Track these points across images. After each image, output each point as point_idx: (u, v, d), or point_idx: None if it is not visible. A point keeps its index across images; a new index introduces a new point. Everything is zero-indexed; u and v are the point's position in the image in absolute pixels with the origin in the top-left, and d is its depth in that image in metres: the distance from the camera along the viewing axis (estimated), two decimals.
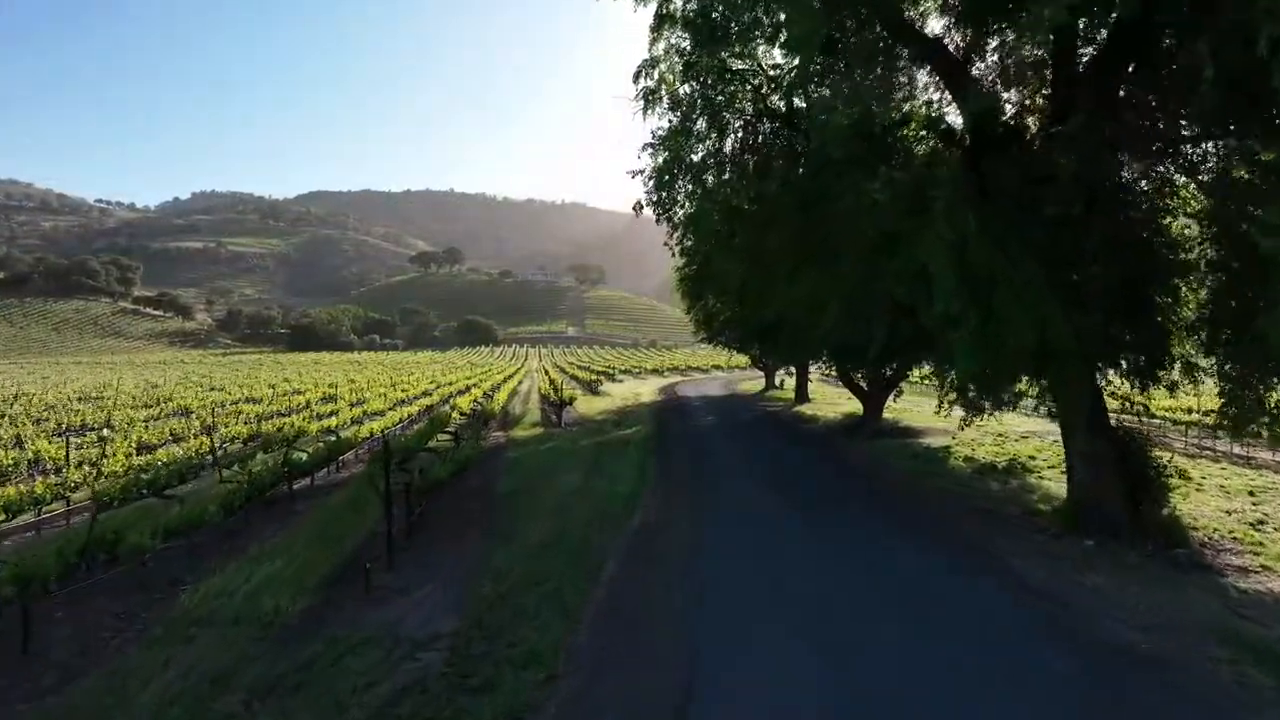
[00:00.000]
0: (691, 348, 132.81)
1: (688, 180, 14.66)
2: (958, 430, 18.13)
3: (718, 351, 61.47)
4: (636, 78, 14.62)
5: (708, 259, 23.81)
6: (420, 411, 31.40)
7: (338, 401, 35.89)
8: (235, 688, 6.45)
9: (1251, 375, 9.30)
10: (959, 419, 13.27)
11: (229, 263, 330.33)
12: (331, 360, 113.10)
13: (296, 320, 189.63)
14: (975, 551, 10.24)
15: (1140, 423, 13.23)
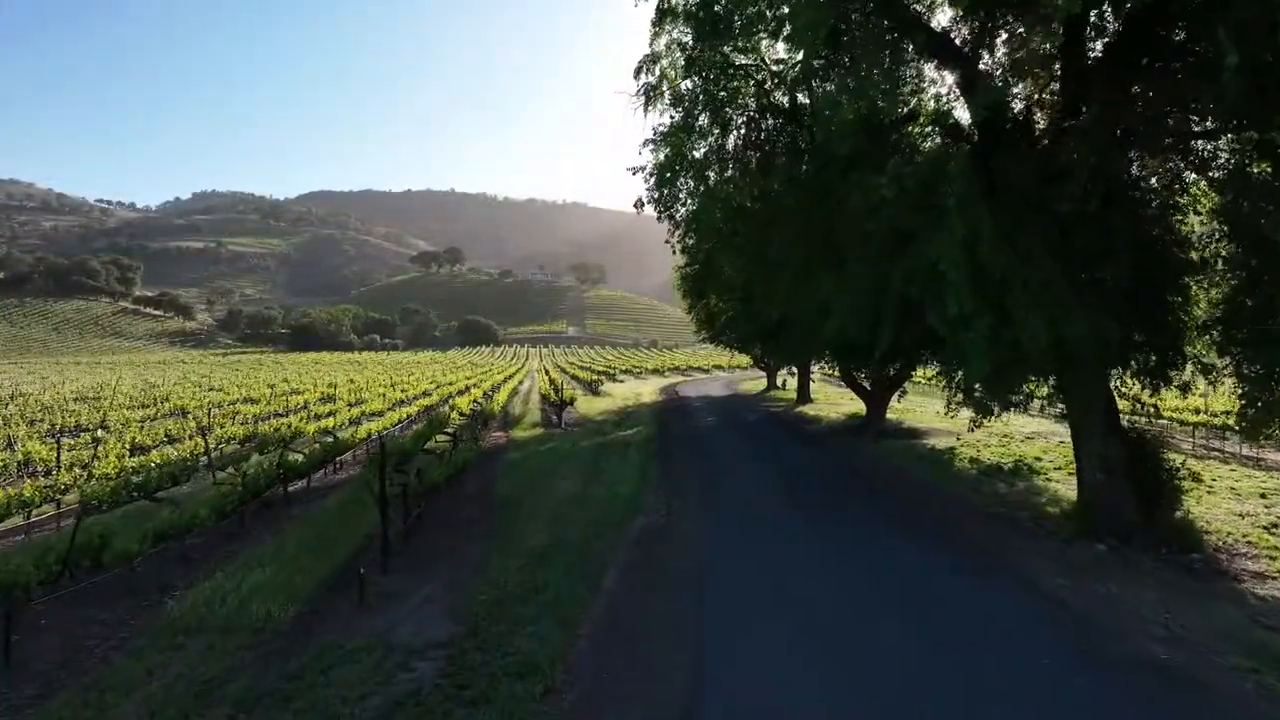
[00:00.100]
0: (693, 348, 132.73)
1: (690, 177, 14.41)
2: (965, 432, 17.89)
3: (719, 351, 61.28)
4: (638, 73, 14.39)
5: (710, 258, 23.62)
6: (420, 412, 31.16)
7: (336, 402, 35.65)
8: (220, 700, 6.21)
9: (1271, 375, 9.04)
10: (968, 421, 13.00)
11: (230, 263, 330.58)
12: (332, 360, 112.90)
13: (297, 320, 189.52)
14: (987, 557, 10.00)
15: (1151, 423, 13.01)
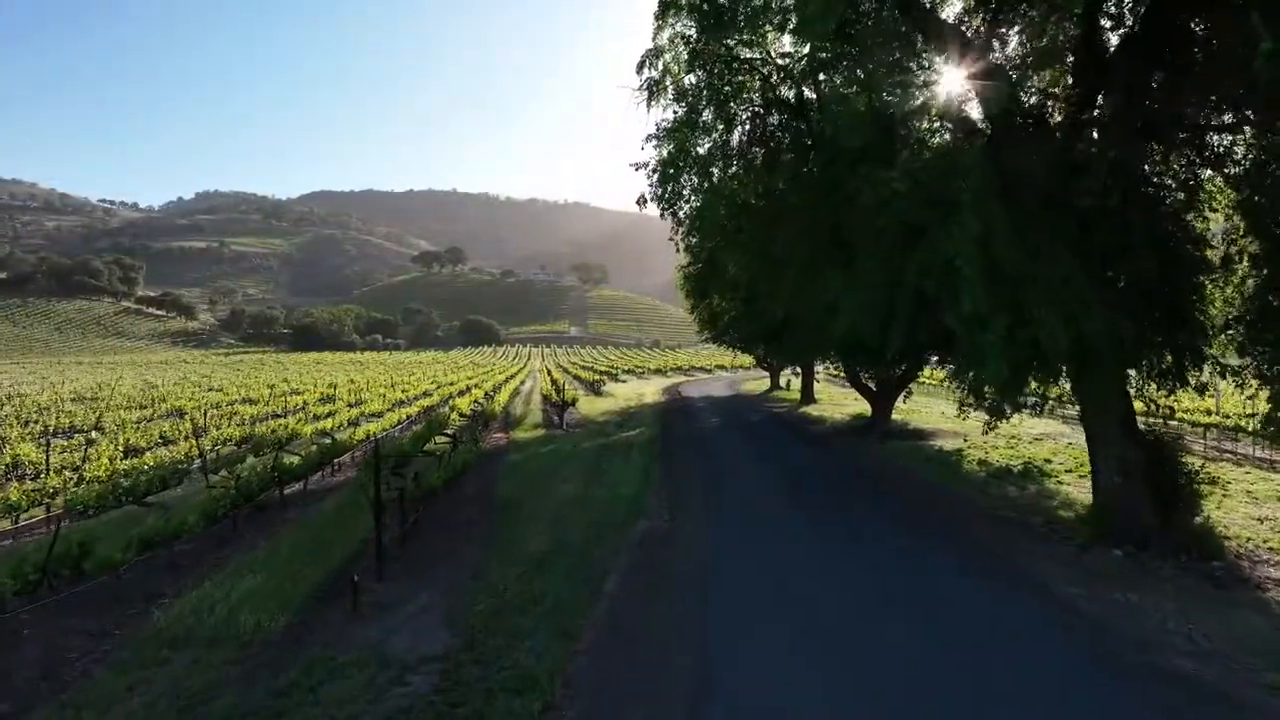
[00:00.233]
0: (695, 348, 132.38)
1: (693, 173, 14.15)
2: (973, 433, 17.59)
3: (722, 351, 60.94)
4: (640, 68, 14.13)
5: (713, 256, 23.36)
6: (420, 412, 30.90)
7: (335, 403, 35.39)
8: (203, 718, 5.92)
9: None
10: (980, 423, 12.69)
11: (232, 262, 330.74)
12: (333, 360, 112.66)
13: (299, 320, 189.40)
14: (998, 561, 9.70)
15: (1166, 425, 12.69)
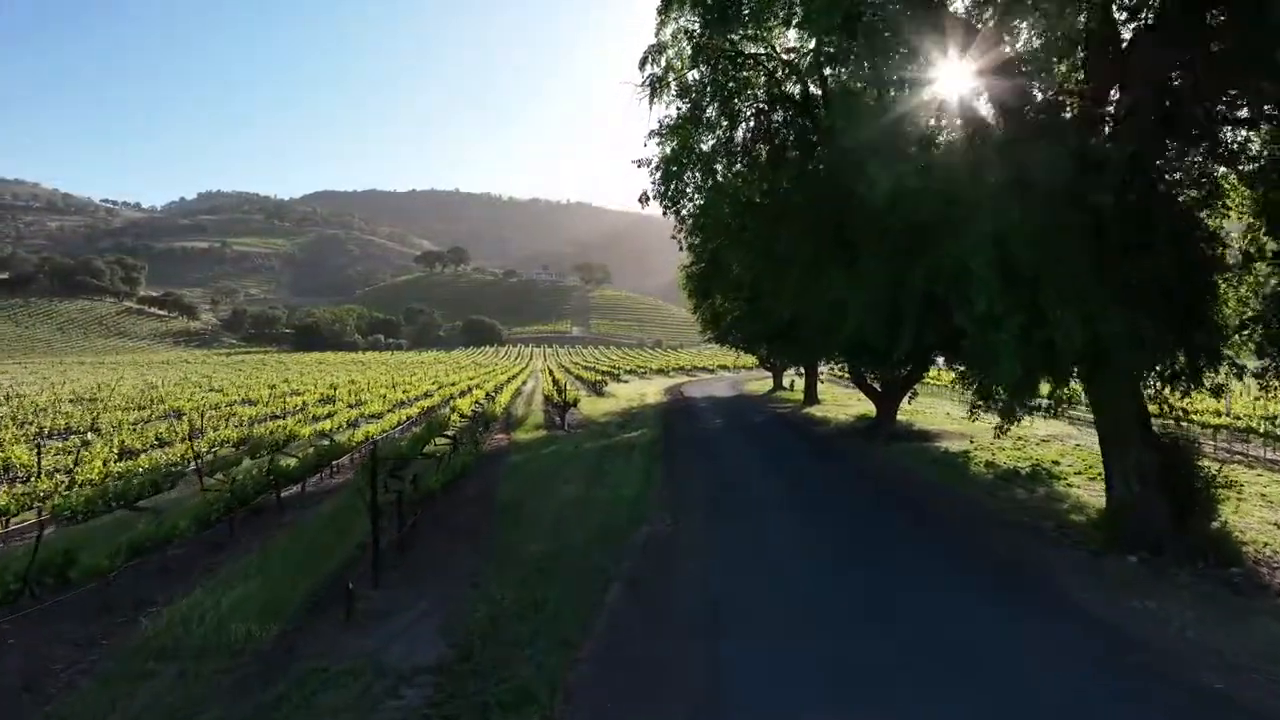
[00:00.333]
0: (697, 348, 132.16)
1: (696, 171, 13.91)
2: (979, 435, 17.34)
3: (724, 351, 60.73)
4: (643, 64, 13.91)
5: (716, 256, 23.18)
6: (420, 413, 30.69)
7: (335, 404, 35.18)
8: None
9: None
10: (988, 424, 12.43)
11: (234, 263, 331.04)
12: (335, 360, 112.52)
13: (301, 320, 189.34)
14: (1012, 569, 9.49)
15: (1178, 427, 12.41)
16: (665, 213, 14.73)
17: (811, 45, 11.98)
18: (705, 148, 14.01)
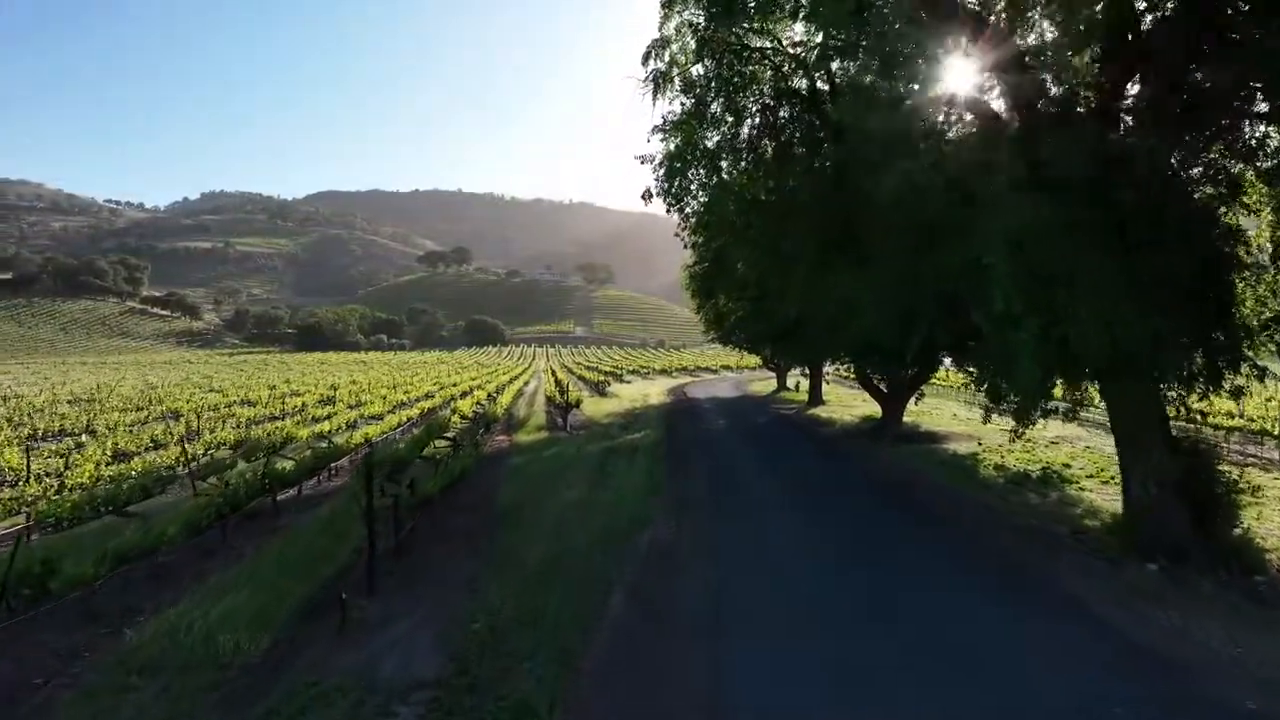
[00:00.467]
0: (701, 348, 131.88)
1: (701, 168, 13.61)
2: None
3: (727, 352, 60.45)
4: (646, 59, 13.63)
5: (720, 255, 22.89)
6: (421, 415, 30.42)
7: (335, 404, 34.93)
8: None
9: None
10: (997, 426, 12.14)
11: (237, 263, 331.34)
12: (338, 360, 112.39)
13: (304, 320, 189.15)
14: (1027, 577, 9.18)
15: (1196, 431, 12.13)
16: (669, 210, 14.44)
17: (819, 39, 11.69)
18: (710, 144, 13.72)
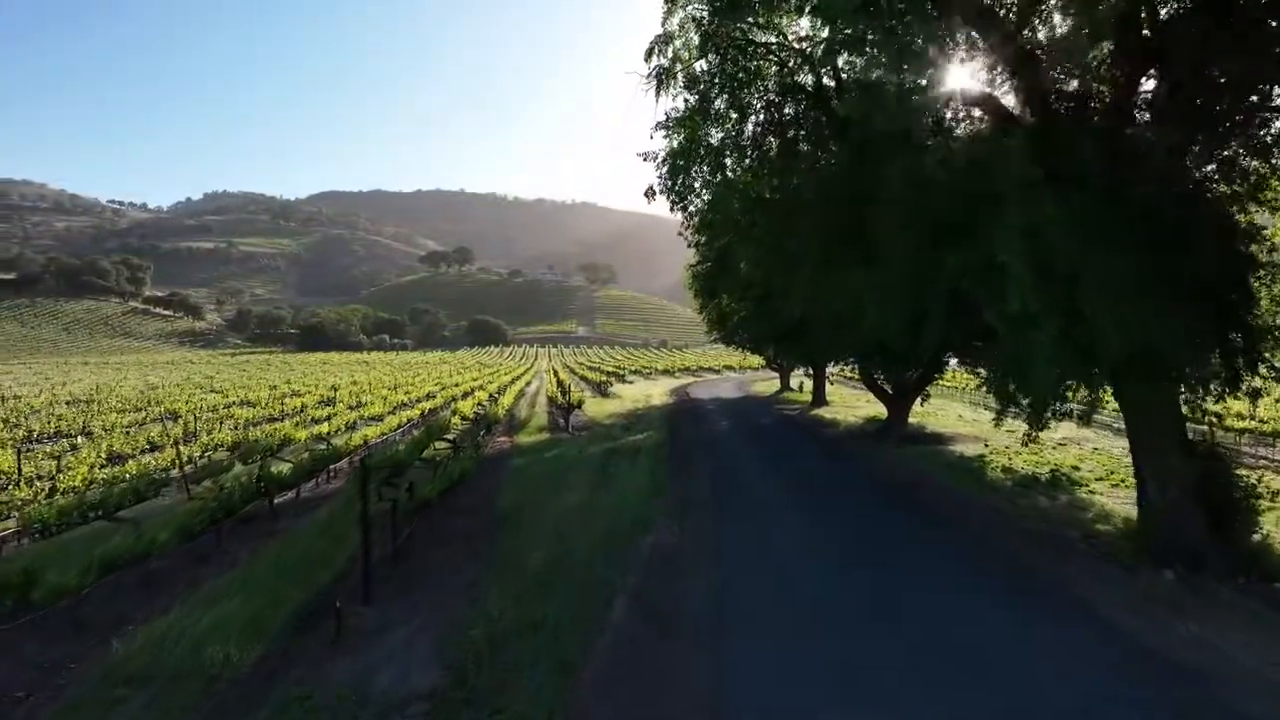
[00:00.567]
0: (703, 348, 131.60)
1: (704, 165, 13.36)
2: (993, 438, 16.80)
3: (730, 352, 60.17)
4: (648, 55, 13.37)
5: (723, 255, 22.63)
6: (422, 415, 30.20)
7: (335, 405, 34.72)
8: None
9: None
10: (1006, 429, 11.87)
11: (240, 263, 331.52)
12: (340, 360, 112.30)
13: (306, 320, 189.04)
14: (1039, 584, 8.92)
15: (1212, 433, 11.87)
16: (672, 208, 14.20)
17: (825, 33, 11.42)
18: (713, 141, 13.47)
